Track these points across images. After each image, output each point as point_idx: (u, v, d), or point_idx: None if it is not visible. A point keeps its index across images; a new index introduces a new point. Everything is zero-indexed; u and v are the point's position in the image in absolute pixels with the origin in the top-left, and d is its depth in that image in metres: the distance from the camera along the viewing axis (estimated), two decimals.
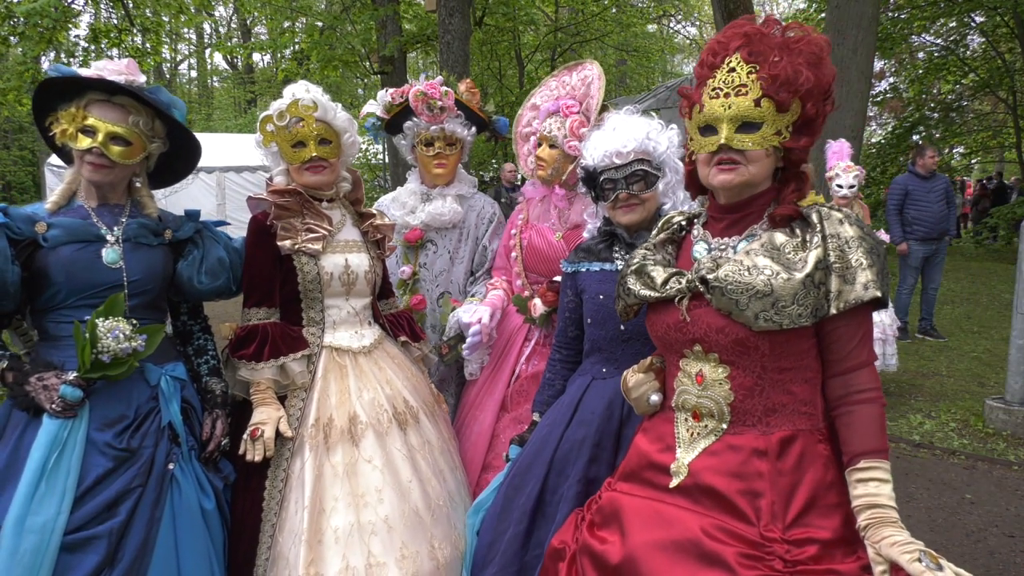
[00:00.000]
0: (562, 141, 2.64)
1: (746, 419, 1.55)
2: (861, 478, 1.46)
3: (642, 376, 1.77)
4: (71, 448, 1.80)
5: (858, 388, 1.52)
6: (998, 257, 13.91)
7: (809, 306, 1.46)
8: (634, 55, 19.07)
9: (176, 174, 2.22)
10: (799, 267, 1.48)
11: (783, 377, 1.53)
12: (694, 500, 1.54)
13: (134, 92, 1.94)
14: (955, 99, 15.56)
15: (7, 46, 8.51)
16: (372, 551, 2.05)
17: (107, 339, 1.81)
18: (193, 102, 29.95)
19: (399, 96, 2.96)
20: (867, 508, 1.44)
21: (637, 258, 1.74)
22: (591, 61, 2.83)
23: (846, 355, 1.53)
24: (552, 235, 2.74)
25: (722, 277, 1.51)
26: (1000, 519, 3.78)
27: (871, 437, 1.48)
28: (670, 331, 1.63)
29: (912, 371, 6.47)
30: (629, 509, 1.62)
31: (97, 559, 1.76)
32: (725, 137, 1.52)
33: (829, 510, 1.48)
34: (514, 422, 2.65)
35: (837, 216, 1.53)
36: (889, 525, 1.40)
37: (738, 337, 1.51)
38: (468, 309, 2.73)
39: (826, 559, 1.43)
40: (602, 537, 1.64)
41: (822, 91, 1.52)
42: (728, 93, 1.52)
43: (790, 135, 1.54)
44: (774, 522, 1.45)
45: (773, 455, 1.51)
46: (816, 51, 1.51)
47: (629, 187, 2.10)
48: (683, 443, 1.62)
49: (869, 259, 1.48)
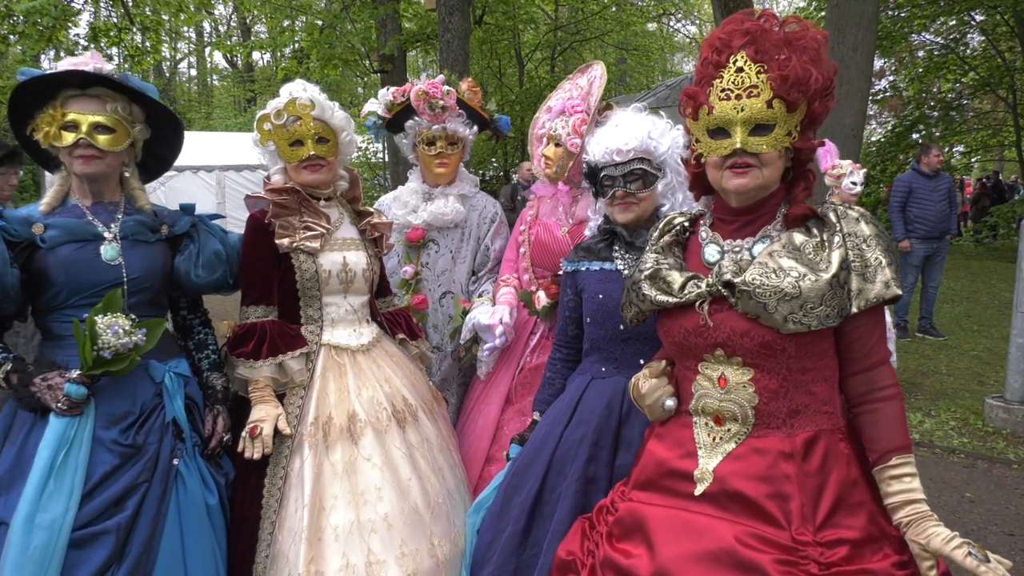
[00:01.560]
0: (565, 139, 2.66)
1: (771, 421, 1.53)
2: (895, 475, 1.47)
3: (655, 381, 1.72)
4: (78, 445, 1.82)
5: (880, 385, 1.53)
6: (998, 256, 13.91)
7: (835, 306, 1.46)
8: (634, 54, 19.06)
9: (164, 162, 2.22)
10: (824, 268, 1.47)
11: (806, 378, 1.53)
12: (721, 507, 1.51)
13: (106, 79, 1.94)
14: (955, 98, 15.55)
15: (7, 45, 8.51)
16: (372, 549, 2.05)
17: (107, 335, 1.82)
18: (193, 101, 29.95)
19: (401, 95, 2.96)
20: (905, 504, 1.45)
21: (649, 263, 1.69)
22: (598, 62, 2.85)
23: (866, 353, 1.53)
24: (558, 230, 2.76)
25: (749, 280, 1.49)
26: (1000, 518, 3.78)
27: (898, 433, 1.50)
28: (689, 336, 1.59)
29: (912, 370, 6.47)
30: (654, 520, 1.57)
31: (105, 554, 1.78)
32: (740, 141, 1.50)
33: (854, 509, 1.48)
34: (518, 414, 2.66)
35: (854, 215, 1.53)
36: (930, 520, 1.42)
37: (765, 340, 1.49)
38: (485, 310, 2.74)
39: (857, 559, 1.42)
40: (625, 551, 1.59)
41: (826, 88, 1.51)
42: (739, 95, 1.49)
43: (799, 134, 1.53)
44: (805, 525, 1.44)
45: (799, 457, 1.49)
46: (816, 47, 1.50)
47: (626, 185, 2.10)
48: (705, 448, 1.58)
49: (888, 257, 1.48)
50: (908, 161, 13.16)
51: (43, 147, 1.96)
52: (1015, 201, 14.63)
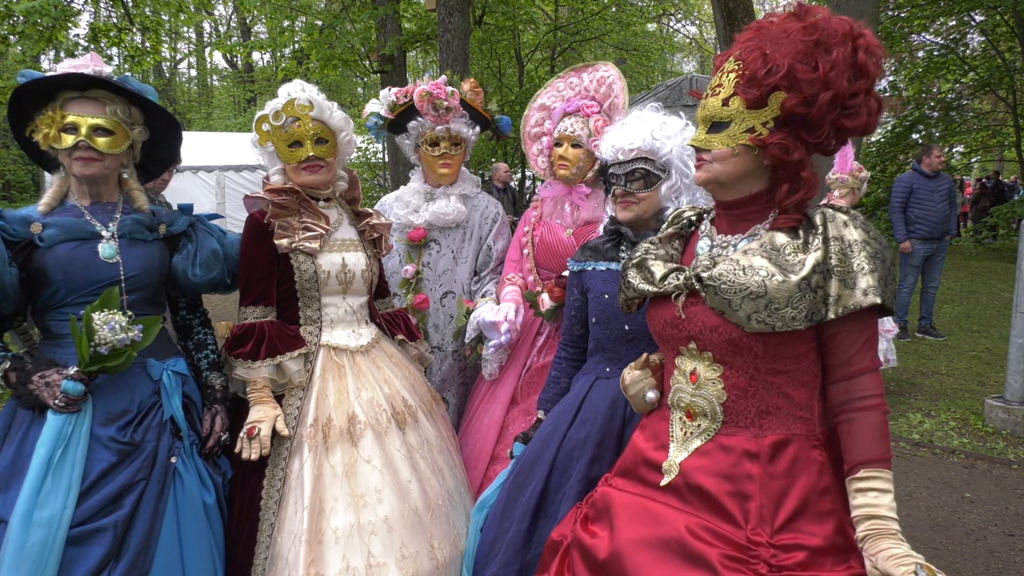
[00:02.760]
0: (587, 140, 2.68)
1: (739, 420, 1.54)
2: (860, 488, 1.43)
3: (638, 373, 1.75)
4: (76, 443, 1.82)
5: (860, 395, 1.48)
6: (998, 256, 13.92)
7: (804, 309, 1.43)
8: (634, 54, 19.03)
9: (162, 164, 2.23)
10: (796, 269, 1.45)
11: (778, 380, 1.51)
12: (683, 499, 1.54)
13: (106, 82, 1.95)
14: (955, 98, 15.55)
15: (7, 45, 8.50)
16: (372, 551, 2.05)
17: (103, 331, 1.82)
18: (193, 101, 29.95)
19: (403, 96, 2.95)
20: (866, 519, 1.41)
21: (640, 251, 1.73)
22: (604, 63, 2.87)
23: (847, 360, 1.49)
24: (563, 232, 2.77)
25: (716, 276, 1.49)
26: (999, 518, 3.78)
27: (872, 445, 1.44)
28: (667, 327, 1.62)
29: (912, 370, 6.47)
30: (619, 505, 1.62)
31: (103, 551, 1.78)
32: (694, 138, 1.57)
33: (821, 517, 1.45)
34: (523, 413, 2.67)
35: (842, 218, 1.49)
36: (887, 537, 1.37)
37: (731, 337, 1.50)
38: (490, 308, 2.73)
39: (814, 566, 1.40)
40: (593, 531, 1.65)
41: (811, 83, 1.40)
42: (707, 95, 1.54)
43: (769, 131, 1.46)
44: (762, 526, 1.44)
45: (764, 458, 1.49)
46: (811, 40, 1.40)
47: (627, 184, 2.09)
48: (677, 442, 1.61)
49: (872, 264, 1.44)
50: (908, 161, 13.18)
51: (42, 148, 1.96)
52: (1015, 201, 14.63)
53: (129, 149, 2.04)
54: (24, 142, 2.01)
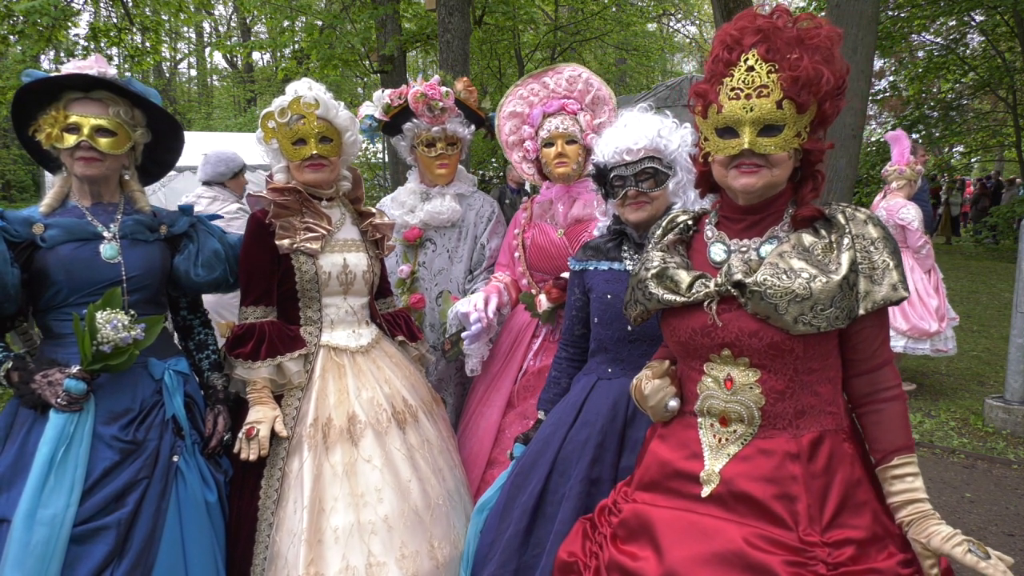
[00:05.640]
0: (580, 136, 2.69)
1: (777, 422, 1.53)
2: (897, 474, 1.48)
3: (658, 383, 1.70)
4: (78, 441, 1.83)
5: (884, 386, 1.54)
6: (998, 256, 13.91)
7: (844, 308, 1.46)
8: (634, 54, 19.03)
9: (164, 166, 2.24)
10: (834, 269, 1.47)
11: (812, 379, 1.53)
12: (728, 508, 1.50)
13: (109, 83, 1.96)
14: (955, 98, 15.56)
15: (7, 45, 8.49)
16: (372, 551, 2.05)
17: (106, 329, 1.83)
18: (193, 101, 29.92)
19: (398, 97, 2.95)
20: (907, 504, 1.46)
21: (656, 261, 1.66)
22: (568, 64, 2.86)
23: (871, 354, 1.54)
24: (554, 232, 2.75)
25: (760, 281, 1.47)
26: (1000, 518, 3.78)
27: (901, 433, 1.51)
28: (695, 336, 1.58)
29: (912, 370, 6.47)
30: (660, 522, 1.56)
31: (106, 549, 1.79)
32: (748, 142, 1.48)
33: (859, 508, 1.48)
34: (520, 417, 2.65)
35: (861, 216, 1.52)
36: (930, 518, 1.43)
37: (773, 341, 1.49)
38: (465, 300, 2.73)
39: (864, 559, 1.43)
40: (632, 553, 1.57)
41: (838, 88, 1.49)
42: (749, 94, 1.46)
43: (808, 135, 1.50)
44: (812, 525, 1.44)
45: (805, 457, 1.49)
46: (829, 45, 1.47)
47: (638, 184, 2.09)
48: (711, 450, 1.57)
49: (895, 259, 1.48)
50: None
51: (44, 148, 1.97)
52: (1015, 201, 14.63)
53: (131, 150, 2.05)
54: (27, 141, 2.01)
